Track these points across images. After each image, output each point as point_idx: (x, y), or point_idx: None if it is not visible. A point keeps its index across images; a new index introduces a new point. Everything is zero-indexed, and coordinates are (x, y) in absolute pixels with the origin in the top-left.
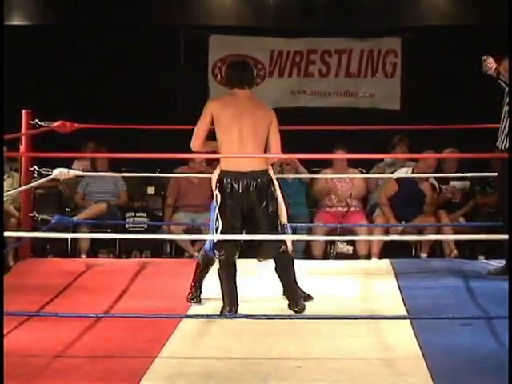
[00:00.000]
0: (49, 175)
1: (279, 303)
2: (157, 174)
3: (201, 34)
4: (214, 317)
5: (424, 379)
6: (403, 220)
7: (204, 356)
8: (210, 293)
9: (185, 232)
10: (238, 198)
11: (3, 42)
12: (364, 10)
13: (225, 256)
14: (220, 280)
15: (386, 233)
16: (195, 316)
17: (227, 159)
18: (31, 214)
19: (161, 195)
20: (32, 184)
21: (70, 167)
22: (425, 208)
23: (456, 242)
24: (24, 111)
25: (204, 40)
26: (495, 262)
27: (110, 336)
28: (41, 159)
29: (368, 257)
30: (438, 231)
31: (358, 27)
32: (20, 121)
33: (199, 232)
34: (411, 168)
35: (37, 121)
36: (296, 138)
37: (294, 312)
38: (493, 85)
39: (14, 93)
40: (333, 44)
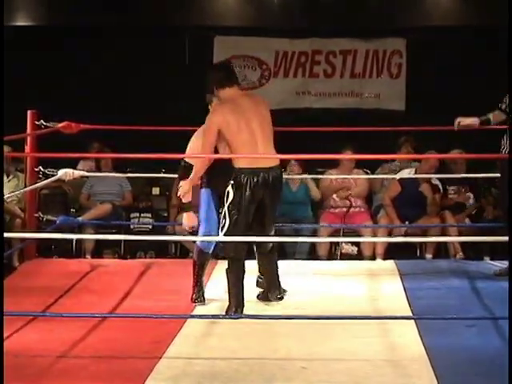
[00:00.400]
0: (54, 176)
1: (284, 304)
2: (161, 175)
3: (206, 35)
4: (219, 317)
5: (429, 380)
6: (407, 220)
7: (209, 356)
8: (215, 293)
9: (189, 232)
10: (255, 194)
11: (3, 43)
12: (369, 11)
13: (234, 253)
14: (228, 280)
15: (390, 234)
16: (200, 316)
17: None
18: (36, 215)
19: (165, 196)
20: (37, 184)
21: (75, 168)
22: (428, 209)
23: (461, 243)
24: (29, 112)
25: (209, 41)
26: (500, 263)
27: (115, 336)
28: (46, 160)
29: (373, 257)
30: (443, 232)
31: (363, 28)
32: (25, 121)
33: None
34: (414, 169)
35: (42, 121)
36: (300, 139)
37: (277, 299)
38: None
39: (20, 93)
40: (338, 44)
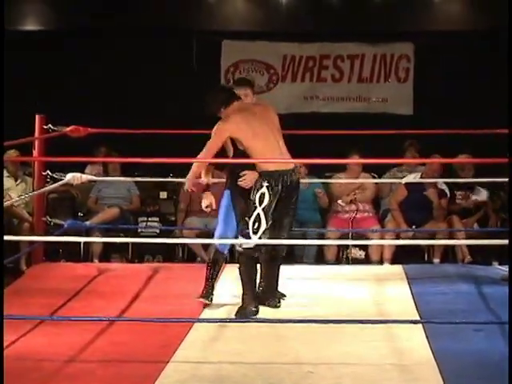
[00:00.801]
0: (62, 180)
1: (291, 308)
2: (169, 179)
3: (213, 39)
4: (226, 321)
5: None
6: (414, 225)
7: (216, 361)
8: (222, 297)
9: (197, 236)
10: (287, 196)
11: (3, 44)
12: (377, 15)
13: (268, 252)
14: (245, 278)
15: (398, 238)
16: (208, 320)
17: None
18: (44, 219)
19: (173, 200)
20: (45, 188)
21: (83, 172)
22: (434, 214)
23: (469, 248)
24: (37, 116)
25: (217, 45)
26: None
27: (123, 340)
28: (54, 164)
29: (380, 262)
30: (451, 236)
31: (371, 32)
32: (33, 125)
33: (212, 236)
34: (420, 173)
35: (50, 125)
36: (308, 143)
37: (276, 307)
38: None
39: (28, 97)
40: (345, 49)
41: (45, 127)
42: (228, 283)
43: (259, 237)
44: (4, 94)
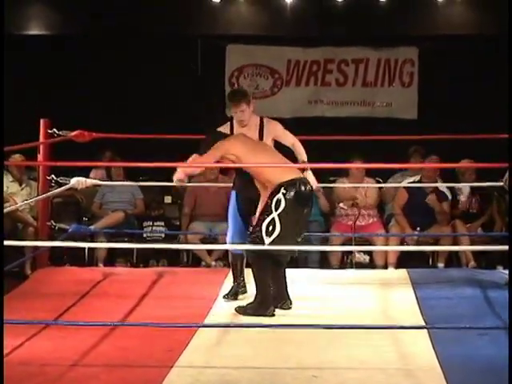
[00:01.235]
0: (66, 184)
1: (296, 312)
2: (173, 183)
3: (218, 44)
4: (231, 326)
5: None
6: (417, 227)
7: (221, 365)
8: (226, 302)
9: (201, 241)
10: (304, 203)
11: (3, 47)
12: (381, 20)
13: (280, 257)
14: (258, 280)
15: (402, 242)
16: (212, 325)
17: (276, 173)
18: (49, 223)
19: (177, 204)
20: (50, 193)
21: (88, 176)
22: (437, 218)
23: (473, 252)
24: (42, 120)
25: (221, 49)
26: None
27: (127, 345)
28: (58, 168)
29: (385, 266)
30: (455, 241)
31: (375, 37)
32: (38, 130)
33: (216, 241)
34: (419, 176)
35: (55, 130)
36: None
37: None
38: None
39: (33, 102)
40: (350, 53)
41: (49, 132)
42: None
43: (272, 240)
44: (4, 99)
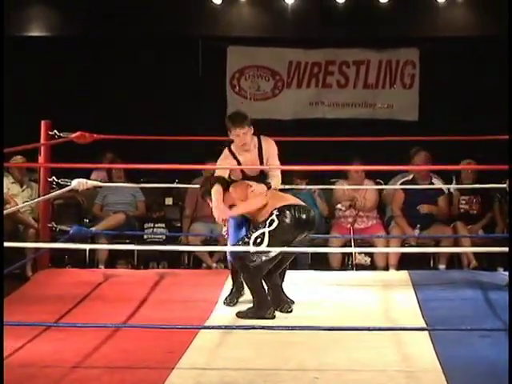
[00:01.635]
0: (67, 186)
1: (297, 314)
2: (174, 185)
3: (219, 45)
4: (232, 328)
5: None
6: (418, 224)
7: (221, 367)
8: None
9: (202, 243)
10: (298, 229)
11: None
12: (382, 21)
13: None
14: (250, 284)
15: (403, 244)
16: (213, 327)
17: (271, 200)
18: (50, 225)
19: (179, 206)
20: (51, 194)
21: (89, 178)
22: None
23: (475, 254)
24: (43, 122)
25: (222, 51)
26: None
27: (128, 347)
28: (59, 170)
29: (386, 268)
30: (456, 243)
31: (377, 38)
32: (39, 132)
33: (217, 243)
34: (411, 175)
35: (56, 131)
36: (314, 149)
37: (288, 312)
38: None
39: (34, 104)
40: (351, 55)
41: (50, 133)
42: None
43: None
44: (5, 100)
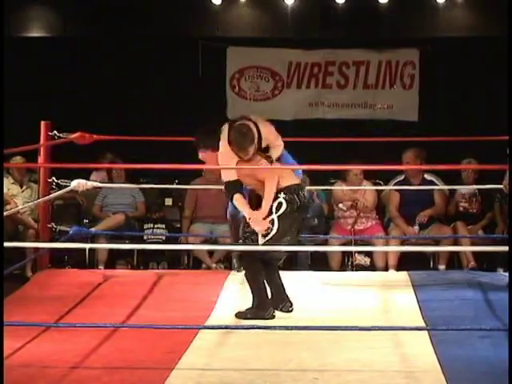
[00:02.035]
0: (67, 186)
1: (296, 314)
2: (174, 186)
3: (219, 46)
4: (232, 328)
5: None
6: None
7: (221, 367)
8: (228, 304)
9: (202, 243)
10: (303, 208)
11: (3, 49)
12: (382, 22)
13: (274, 259)
14: (251, 283)
15: (403, 244)
16: (213, 327)
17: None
18: (49, 225)
19: (178, 206)
20: (50, 195)
21: (88, 178)
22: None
23: (474, 254)
24: (43, 123)
25: (222, 51)
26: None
27: (128, 347)
28: (59, 170)
29: (385, 269)
30: (456, 243)
31: (376, 39)
32: (39, 132)
33: (217, 243)
34: (403, 176)
35: (55, 132)
36: (313, 150)
37: (289, 311)
38: None
39: (34, 104)
40: (351, 55)
41: (50, 134)
42: (233, 290)
43: (266, 240)
44: (4, 101)
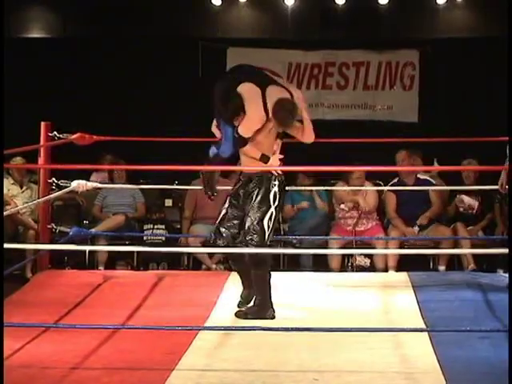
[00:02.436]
0: (67, 187)
1: (296, 315)
2: (174, 186)
3: (219, 47)
4: (232, 329)
5: None
6: (416, 220)
7: (221, 368)
8: (228, 304)
9: (202, 244)
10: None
11: (3, 49)
12: (382, 23)
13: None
14: (259, 281)
15: (403, 245)
16: (213, 328)
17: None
18: (49, 226)
19: (178, 207)
20: (50, 196)
21: (89, 179)
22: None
23: (474, 255)
24: (43, 123)
25: (222, 52)
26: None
27: (128, 348)
28: (59, 171)
29: (385, 270)
30: (456, 244)
31: (376, 40)
32: (39, 133)
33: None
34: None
35: (55, 133)
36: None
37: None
38: None
39: (34, 104)
40: (351, 56)
41: (50, 134)
42: (233, 290)
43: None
44: (4, 101)
